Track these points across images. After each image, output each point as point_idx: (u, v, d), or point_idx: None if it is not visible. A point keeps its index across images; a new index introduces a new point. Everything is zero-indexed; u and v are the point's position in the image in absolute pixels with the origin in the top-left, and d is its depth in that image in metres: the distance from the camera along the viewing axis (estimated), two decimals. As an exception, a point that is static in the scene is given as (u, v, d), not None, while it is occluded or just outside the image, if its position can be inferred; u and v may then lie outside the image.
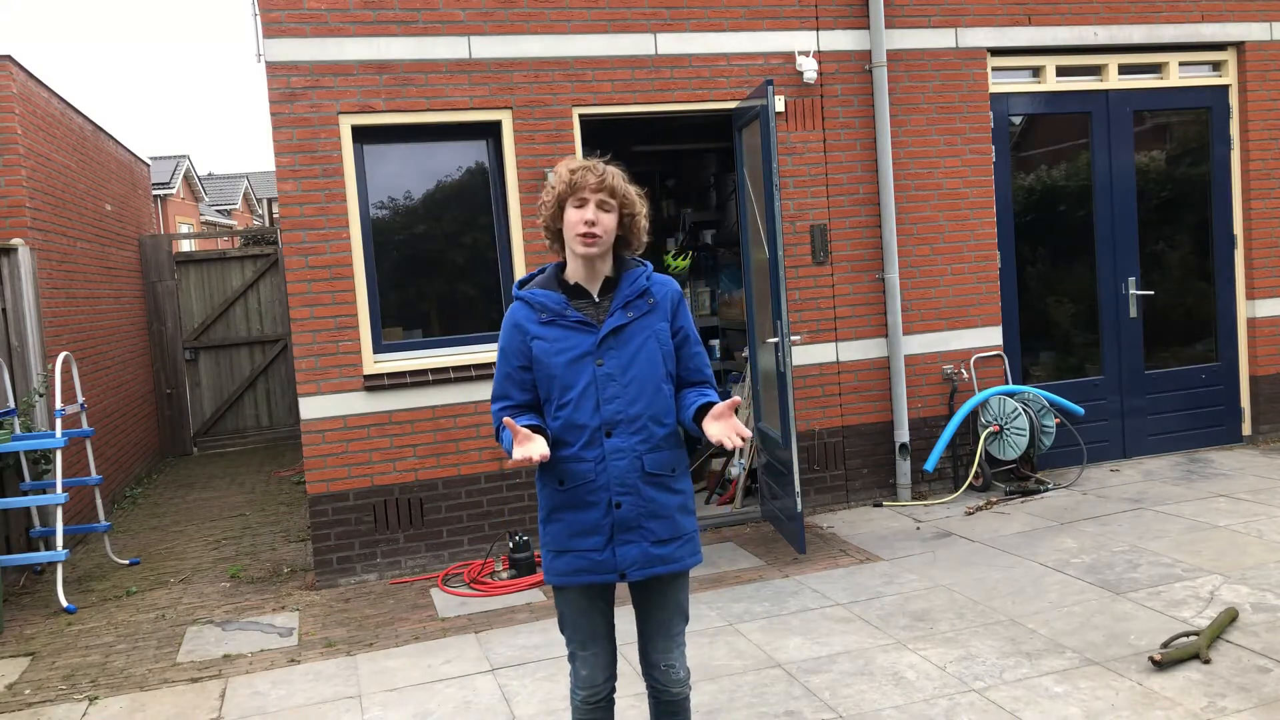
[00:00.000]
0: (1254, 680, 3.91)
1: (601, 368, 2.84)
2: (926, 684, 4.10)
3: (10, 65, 7.48)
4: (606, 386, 2.83)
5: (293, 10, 5.86)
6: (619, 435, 2.83)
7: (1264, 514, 6.02)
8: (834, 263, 6.83)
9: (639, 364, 2.86)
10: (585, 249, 2.83)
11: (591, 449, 2.83)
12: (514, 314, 2.95)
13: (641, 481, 2.85)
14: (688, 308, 3.03)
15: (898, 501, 6.93)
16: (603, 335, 2.85)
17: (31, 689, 4.76)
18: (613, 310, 2.88)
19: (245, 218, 32.67)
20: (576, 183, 2.81)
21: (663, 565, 2.89)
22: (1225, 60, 7.73)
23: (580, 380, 2.84)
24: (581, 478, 2.84)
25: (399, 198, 6.29)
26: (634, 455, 2.83)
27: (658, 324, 2.90)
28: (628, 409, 2.83)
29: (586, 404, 2.83)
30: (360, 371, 6.03)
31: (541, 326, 2.88)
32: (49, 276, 7.79)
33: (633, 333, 2.87)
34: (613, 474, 2.83)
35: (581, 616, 2.97)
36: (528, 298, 2.93)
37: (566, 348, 2.85)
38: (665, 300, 2.93)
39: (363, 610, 5.55)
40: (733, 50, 6.56)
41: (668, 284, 2.97)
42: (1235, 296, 7.85)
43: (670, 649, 3.00)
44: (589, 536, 2.85)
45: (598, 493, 2.84)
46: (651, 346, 2.87)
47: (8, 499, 6.30)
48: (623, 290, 2.90)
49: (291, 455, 10.62)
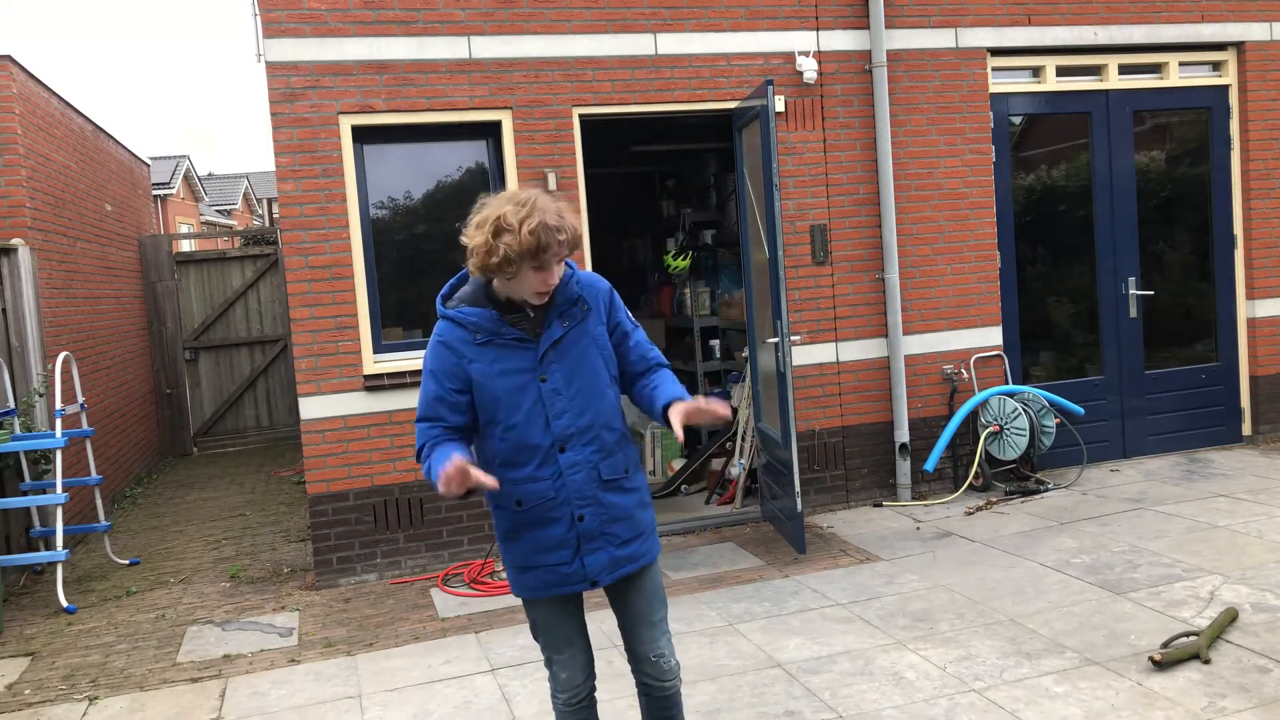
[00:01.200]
0: (1254, 680, 3.91)
1: (546, 383, 2.77)
2: (926, 684, 4.10)
3: (10, 65, 7.48)
4: (554, 401, 2.77)
5: (293, 10, 5.86)
6: (572, 449, 2.78)
7: (1264, 514, 6.02)
8: (834, 263, 6.83)
9: (583, 373, 2.80)
10: (539, 300, 2.75)
11: (547, 467, 2.78)
12: (443, 334, 2.82)
13: (600, 490, 2.82)
14: (619, 301, 2.96)
15: (898, 501, 6.93)
16: (543, 351, 2.77)
17: (31, 689, 4.76)
18: (549, 323, 2.78)
19: (245, 218, 32.67)
20: (542, 244, 2.60)
21: (630, 564, 2.89)
22: (1225, 60, 7.73)
23: (526, 399, 2.76)
24: (540, 497, 2.80)
25: (399, 198, 6.29)
26: (590, 466, 2.80)
27: (595, 329, 2.84)
28: (577, 421, 2.78)
29: (536, 422, 2.76)
30: (360, 371, 6.03)
31: (477, 348, 2.77)
32: (49, 276, 7.79)
33: (572, 342, 2.80)
34: (571, 488, 2.79)
35: (554, 622, 2.96)
36: (457, 318, 2.80)
37: (507, 369, 2.76)
38: (598, 302, 2.86)
39: (363, 610, 5.55)
40: (733, 50, 6.56)
41: (596, 284, 2.90)
42: (1235, 296, 7.85)
43: (656, 636, 2.98)
44: (555, 551, 2.82)
45: (559, 508, 2.80)
46: (592, 354, 2.82)
47: (8, 499, 6.30)
48: (557, 302, 2.80)
49: (291, 455, 10.62)
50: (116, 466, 9.19)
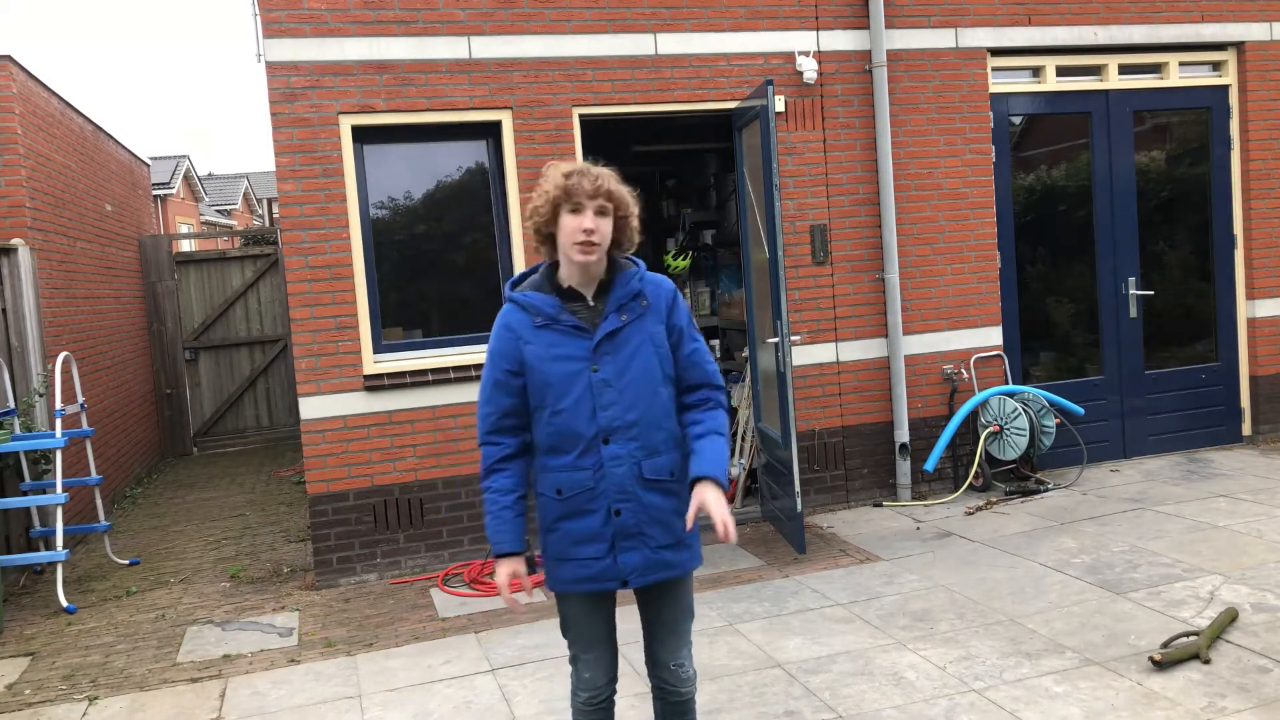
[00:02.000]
0: (1254, 680, 3.91)
1: (597, 374, 2.78)
2: (926, 684, 4.10)
3: (10, 65, 7.48)
4: (602, 393, 2.77)
5: (293, 10, 5.86)
6: (616, 442, 2.78)
7: (1264, 514, 6.02)
8: (834, 263, 6.83)
9: (635, 369, 2.80)
10: (584, 257, 2.75)
11: (588, 456, 2.79)
12: (506, 316, 2.88)
13: (640, 488, 2.81)
14: (684, 305, 2.96)
15: (898, 501, 6.93)
16: (597, 340, 2.79)
17: (31, 689, 4.76)
18: (606, 314, 2.81)
19: (245, 218, 32.68)
20: (573, 188, 2.73)
21: (665, 570, 2.87)
22: (1225, 60, 7.73)
23: (575, 387, 2.78)
24: (579, 486, 2.80)
25: (399, 198, 6.29)
26: (632, 462, 2.79)
27: (653, 327, 2.83)
28: (624, 415, 2.78)
29: (582, 411, 2.78)
30: (360, 371, 6.03)
31: (535, 330, 2.81)
32: (49, 276, 7.79)
33: (627, 337, 2.81)
34: (611, 481, 2.79)
35: (584, 620, 2.95)
36: (520, 300, 2.86)
37: (561, 354, 2.79)
38: (659, 301, 2.87)
39: (363, 610, 5.55)
40: (733, 50, 6.56)
41: (661, 284, 2.91)
42: (1235, 296, 7.85)
43: (679, 648, 2.99)
44: (590, 544, 2.82)
45: (597, 500, 2.80)
46: (647, 350, 2.81)
47: (8, 499, 6.30)
48: (616, 293, 2.83)
49: (291, 455, 10.63)
50: (116, 466, 9.19)
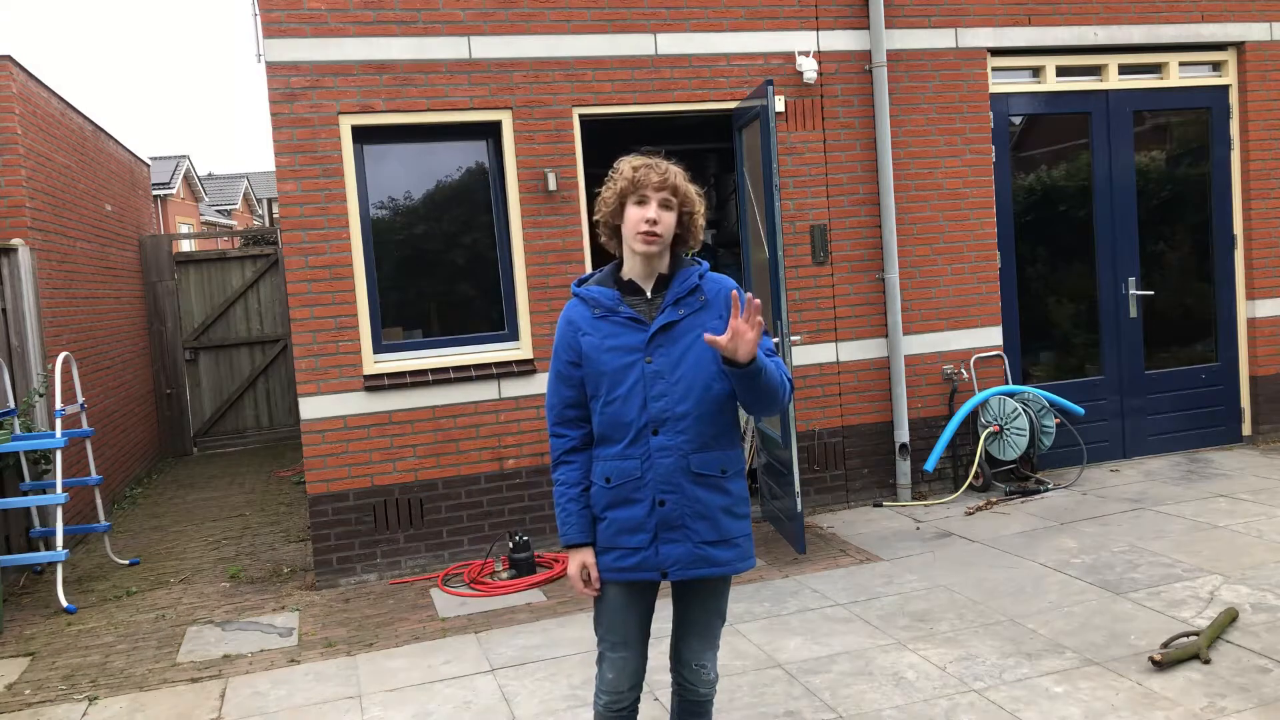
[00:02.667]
0: (1254, 680, 3.91)
1: (650, 365, 2.83)
2: (926, 684, 4.10)
3: (10, 65, 7.48)
4: (654, 384, 2.82)
5: (293, 10, 5.85)
6: (665, 433, 2.81)
7: (1264, 514, 6.02)
8: (834, 263, 6.83)
9: (688, 362, 2.83)
10: (646, 247, 2.82)
11: (637, 446, 2.83)
12: (568, 311, 2.96)
13: (687, 481, 2.83)
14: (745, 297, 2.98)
15: (898, 501, 6.93)
16: (652, 332, 2.83)
17: (31, 689, 4.76)
18: (663, 307, 2.86)
19: (245, 218, 32.68)
20: (639, 180, 2.81)
21: (707, 567, 2.86)
22: (1225, 60, 7.73)
23: (629, 377, 2.83)
24: (627, 475, 2.84)
25: (399, 198, 6.29)
26: (680, 454, 2.82)
27: (710, 322, 2.84)
28: (674, 407, 2.81)
29: (634, 401, 2.82)
30: (360, 371, 6.03)
31: (593, 322, 2.88)
32: (49, 276, 7.79)
33: (683, 330, 2.84)
34: (658, 472, 2.82)
35: (619, 614, 2.94)
36: (582, 294, 2.94)
37: (616, 345, 2.85)
38: (717, 298, 2.89)
39: (363, 610, 5.55)
40: (733, 50, 6.56)
41: (721, 281, 2.93)
42: (1235, 297, 7.85)
43: (704, 650, 3.00)
44: (634, 534, 2.85)
45: (643, 490, 2.83)
46: (702, 345, 2.82)
47: (8, 499, 6.30)
48: (674, 287, 2.88)
49: (291, 455, 10.62)
50: (116, 466, 9.19)
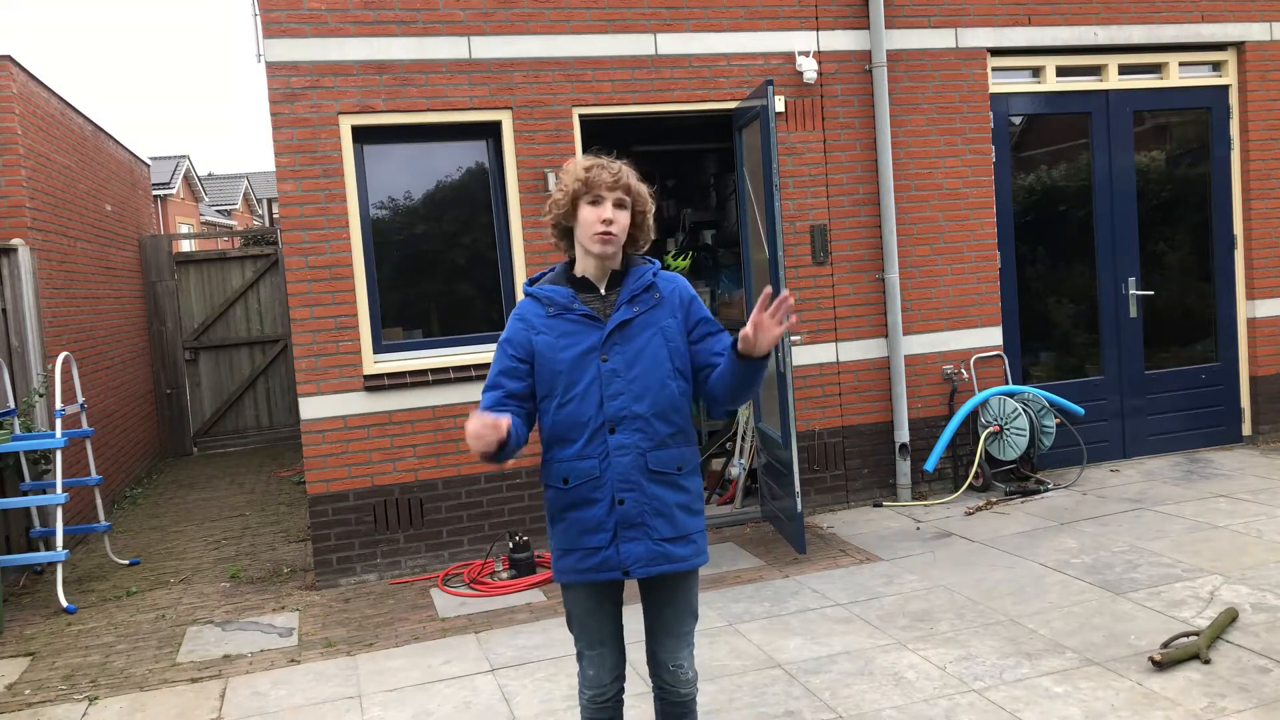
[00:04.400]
0: (1254, 680, 3.91)
1: (606, 363, 2.81)
2: (926, 684, 4.10)
3: (10, 65, 7.48)
4: (611, 382, 2.80)
5: (293, 10, 5.85)
6: (622, 432, 2.80)
7: (1264, 514, 6.02)
8: (834, 263, 6.83)
9: (644, 360, 2.82)
10: (602, 247, 2.80)
11: (594, 444, 2.81)
12: (520, 308, 2.94)
13: (645, 479, 2.83)
14: (701, 304, 2.97)
15: (898, 501, 6.93)
16: (608, 330, 2.82)
17: (31, 689, 4.76)
18: (618, 305, 2.85)
19: (245, 218, 32.69)
20: (593, 180, 2.79)
21: (667, 564, 2.88)
22: (1225, 60, 7.73)
23: (584, 376, 2.81)
24: (585, 475, 2.82)
25: (399, 198, 6.29)
26: (637, 452, 2.81)
27: (664, 320, 2.86)
28: (631, 405, 2.80)
29: (590, 400, 2.80)
30: (360, 371, 6.03)
31: (547, 320, 2.86)
32: (49, 276, 7.79)
33: (638, 328, 2.84)
34: (616, 470, 2.80)
35: (589, 616, 2.95)
36: (535, 293, 2.91)
37: (572, 343, 2.83)
38: (673, 296, 2.89)
39: (363, 610, 5.55)
40: (733, 50, 6.56)
41: (675, 280, 2.94)
42: (1235, 297, 7.85)
43: (679, 648, 2.99)
44: (594, 534, 2.83)
45: (601, 489, 2.82)
46: (657, 342, 2.84)
47: (8, 499, 6.30)
48: (628, 285, 2.87)
49: (291, 455, 10.62)
50: (116, 466, 9.19)
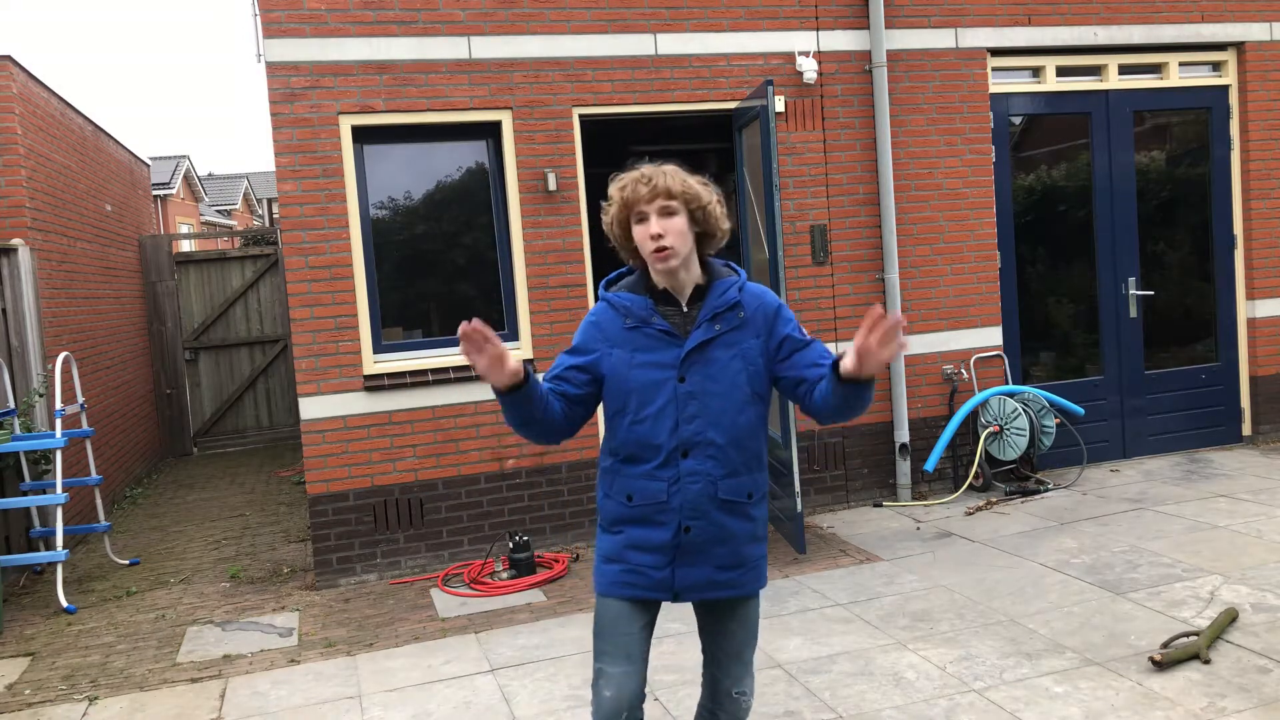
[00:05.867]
0: (1254, 680, 3.91)
1: (684, 384, 2.64)
2: (926, 684, 4.10)
3: (10, 65, 7.48)
4: (687, 405, 2.63)
5: (293, 10, 5.85)
6: (695, 458, 2.64)
7: (1264, 514, 6.02)
8: (834, 263, 6.83)
9: (722, 383, 2.65)
10: (665, 264, 2.63)
11: (666, 469, 2.65)
12: (597, 314, 2.74)
13: (714, 507, 2.66)
14: (789, 316, 2.75)
15: (898, 501, 6.93)
16: (687, 350, 2.64)
17: (31, 689, 4.76)
18: (699, 322, 2.66)
19: (245, 218, 32.70)
20: (629, 199, 2.63)
21: (726, 590, 2.72)
22: (1225, 60, 7.73)
23: (660, 396, 2.64)
24: (653, 497, 2.67)
25: (399, 198, 6.29)
26: (709, 480, 2.65)
27: (747, 341, 2.67)
28: (706, 431, 2.64)
29: (665, 422, 2.64)
30: (360, 371, 6.03)
31: (624, 332, 2.68)
32: (49, 276, 7.79)
33: (719, 348, 2.65)
34: (686, 497, 2.64)
35: (622, 628, 2.73)
36: (614, 300, 2.72)
37: (648, 360, 2.65)
38: (758, 314, 2.69)
39: (363, 610, 5.55)
40: (733, 50, 6.56)
41: (762, 295, 2.73)
42: (1235, 297, 7.85)
43: (744, 676, 2.83)
44: (652, 553, 2.68)
45: (668, 514, 2.66)
46: (737, 366, 2.66)
47: (8, 499, 6.30)
48: (711, 301, 2.68)
49: (291, 455, 10.62)
50: (116, 466, 9.19)
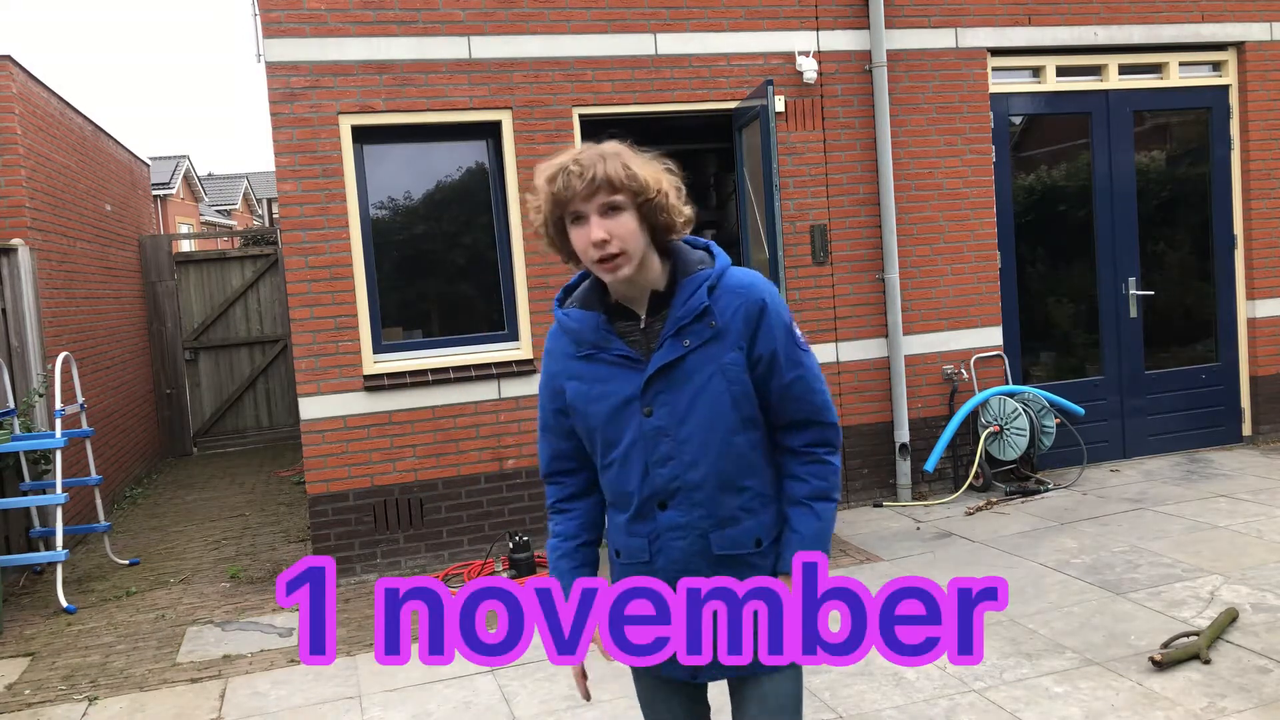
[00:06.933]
0: (1254, 680, 3.91)
1: (650, 418, 2.13)
2: (926, 684, 4.10)
3: (10, 65, 7.47)
4: (657, 444, 2.13)
5: (293, 10, 5.85)
6: (676, 508, 2.15)
7: (1264, 514, 6.02)
8: (834, 263, 6.83)
9: (699, 411, 2.12)
10: (612, 275, 2.09)
11: (643, 523, 2.18)
12: (550, 340, 2.28)
13: (708, 566, 2.16)
14: (777, 318, 2.16)
15: (898, 501, 6.93)
16: (649, 375, 2.13)
17: (31, 689, 4.76)
18: (662, 340, 2.13)
19: (245, 218, 32.69)
20: (560, 195, 2.05)
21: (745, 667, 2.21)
22: (1225, 60, 7.73)
23: (625, 434, 2.16)
24: (635, 555, 2.22)
25: (399, 198, 6.29)
26: (696, 534, 2.15)
27: (726, 355, 2.12)
28: (685, 474, 2.13)
29: (633, 467, 2.16)
30: (360, 371, 6.03)
31: (576, 363, 2.20)
32: (49, 276, 7.79)
33: (690, 369, 2.12)
34: (670, 557, 2.17)
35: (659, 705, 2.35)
36: (564, 321, 2.22)
37: (607, 392, 2.17)
38: (735, 318, 2.12)
39: (363, 610, 5.55)
40: (733, 50, 6.56)
41: (746, 291, 2.14)
42: (1235, 297, 7.85)
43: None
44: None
45: (654, 576, 2.21)
46: (717, 386, 2.12)
47: (8, 499, 6.30)
48: (675, 311, 2.12)
49: (291, 455, 10.62)
50: (116, 466, 9.19)
